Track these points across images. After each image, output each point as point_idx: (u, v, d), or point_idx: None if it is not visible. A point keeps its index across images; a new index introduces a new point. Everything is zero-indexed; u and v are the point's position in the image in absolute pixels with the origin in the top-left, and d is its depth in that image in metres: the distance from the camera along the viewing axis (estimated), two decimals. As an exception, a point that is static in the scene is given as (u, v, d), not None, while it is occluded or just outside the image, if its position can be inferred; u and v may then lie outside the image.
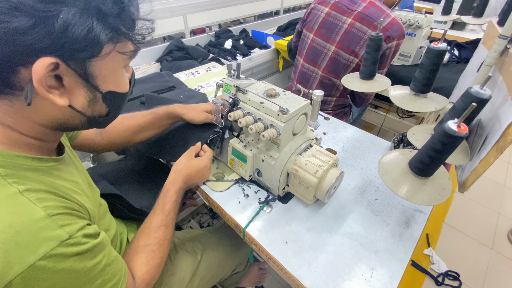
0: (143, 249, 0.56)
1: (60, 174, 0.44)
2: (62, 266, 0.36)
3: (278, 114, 0.59)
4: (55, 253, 0.35)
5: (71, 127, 0.44)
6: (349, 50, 1.11)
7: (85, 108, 0.41)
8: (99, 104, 0.43)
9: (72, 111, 0.40)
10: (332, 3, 1.13)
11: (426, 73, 0.64)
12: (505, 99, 0.52)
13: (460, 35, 1.76)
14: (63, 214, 0.38)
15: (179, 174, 0.66)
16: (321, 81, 1.23)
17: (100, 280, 0.42)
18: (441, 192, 0.52)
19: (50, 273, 0.35)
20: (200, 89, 1.15)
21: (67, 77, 0.37)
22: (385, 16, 1.04)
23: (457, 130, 0.43)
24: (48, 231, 0.35)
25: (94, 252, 0.41)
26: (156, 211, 0.61)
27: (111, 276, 0.44)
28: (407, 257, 0.58)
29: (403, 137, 0.84)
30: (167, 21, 1.80)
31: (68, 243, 0.37)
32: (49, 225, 0.36)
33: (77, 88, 0.39)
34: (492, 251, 1.46)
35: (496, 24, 0.70)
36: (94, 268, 0.41)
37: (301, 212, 0.67)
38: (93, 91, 0.40)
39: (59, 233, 0.36)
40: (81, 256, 0.39)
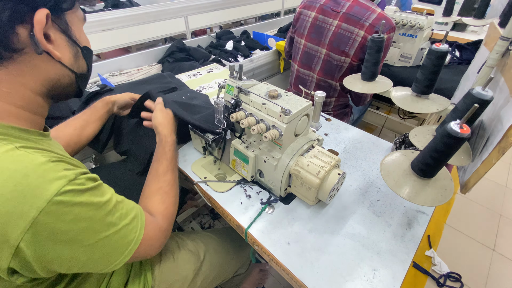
0: (156, 192, 0.61)
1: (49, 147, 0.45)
2: (78, 199, 0.39)
3: (280, 115, 0.59)
4: (67, 189, 0.37)
5: (61, 88, 0.47)
6: (339, 51, 1.12)
7: (72, 64, 0.46)
8: (81, 60, 0.48)
9: (62, 68, 0.45)
10: (318, 6, 1.14)
11: (427, 74, 0.65)
12: (507, 100, 0.53)
13: (461, 36, 1.76)
14: (62, 161, 0.41)
15: (167, 127, 0.72)
16: (317, 84, 1.25)
17: (118, 213, 0.45)
18: (443, 193, 0.52)
19: (70, 207, 0.38)
20: (202, 90, 1.16)
21: (53, 33, 0.41)
22: (370, 13, 1.04)
23: (460, 131, 0.43)
24: (54, 173, 0.37)
25: (101, 190, 0.44)
26: (160, 160, 0.66)
27: (127, 211, 0.47)
28: (409, 258, 0.58)
29: (405, 138, 0.84)
30: (169, 22, 1.81)
31: (76, 183, 0.39)
32: (53, 167, 0.38)
33: (62, 43, 0.44)
34: (494, 252, 1.45)
35: (497, 26, 0.70)
36: (109, 203, 0.44)
37: (303, 213, 0.67)
38: (74, 46, 0.46)
39: (66, 173, 0.38)
40: (92, 192, 0.41)
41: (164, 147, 0.68)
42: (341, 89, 1.24)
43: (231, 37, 1.95)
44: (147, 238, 0.50)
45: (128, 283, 0.62)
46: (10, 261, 0.35)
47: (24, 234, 0.34)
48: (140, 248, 0.48)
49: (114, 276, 0.60)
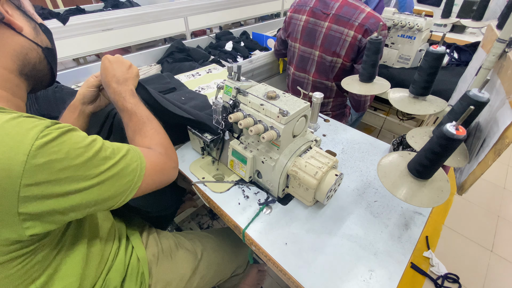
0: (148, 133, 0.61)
1: None
2: (62, 138, 0.39)
3: (278, 116, 0.60)
4: (47, 132, 0.38)
5: (31, 64, 0.48)
6: (330, 52, 1.13)
7: (35, 37, 0.48)
8: (41, 34, 0.50)
9: (26, 40, 0.47)
10: (308, 10, 1.16)
11: (425, 76, 0.65)
12: (503, 102, 0.53)
13: (459, 38, 1.77)
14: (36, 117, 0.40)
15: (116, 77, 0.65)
16: (313, 85, 1.27)
17: (110, 149, 0.46)
18: (439, 194, 0.52)
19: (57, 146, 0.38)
20: (201, 91, 1.16)
21: (9, 9, 0.44)
22: (360, 12, 1.05)
23: (455, 133, 0.43)
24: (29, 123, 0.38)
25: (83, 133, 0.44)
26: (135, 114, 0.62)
27: (118, 147, 0.48)
28: (406, 259, 0.58)
29: (402, 140, 0.85)
30: (168, 22, 1.81)
31: (53, 128, 0.39)
32: (26, 120, 0.38)
33: (19, 18, 0.46)
34: (492, 253, 1.46)
35: (495, 28, 0.70)
36: (96, 142, 0.44)
37: (300, 213, 0.67)
38: (30, 20, 0.48)
39: (41, 122, 0.39)
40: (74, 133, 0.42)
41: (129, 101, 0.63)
42: (338, 89, 1.25)
43: (230, 37, 1.96)
44: (153, 164, 0.53)
45: (125, 280, 0.62)
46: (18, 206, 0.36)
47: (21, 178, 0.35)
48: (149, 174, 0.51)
49: (111, 273, 0.60)
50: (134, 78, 0.68)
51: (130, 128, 0.62)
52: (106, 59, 0.67)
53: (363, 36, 1.05)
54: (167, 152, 0.60)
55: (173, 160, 0.60)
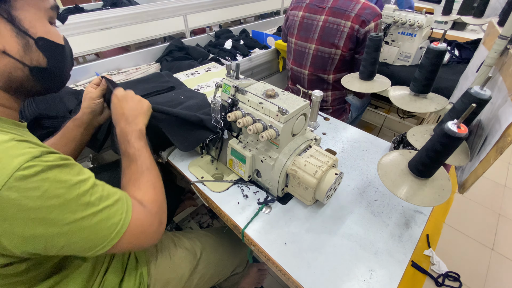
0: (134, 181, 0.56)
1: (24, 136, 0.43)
2: (44, 175, 0.36)
3: (277, 115, 0.59)
4: (31, 164, 0.35)
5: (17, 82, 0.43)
6: (328, 44, 1.15)
7: (22, 56, 0.42)
8: (34, 51, 0.43)
9: (11, 60, 0.41)
10: (304, 6, 1.19)
11: (425, 73, 0.64)
12: (505, 99, 0.52)
13: (460, 35, 1.76)
14: (29, 142, 0.38)
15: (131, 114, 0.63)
16: (309, 79, 1.29)
17: (97, 195, 0.42)
18: (440, 193, 0.52)
19: (35, 182, 0.35)
20: (200, 89, 1.15)
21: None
22: (355, 3, 1.08)
23: (457, 131, 0.43)
24: (18, 149, 0.36)
25: (75, 169, 0.41)
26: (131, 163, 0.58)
27: (109, 194, 0.44)
28: (407, 259, 0.58)
29: (403, 138, 0.84)
30: (168, 21, 1.81)
31: (41, 159, 0.36)
32: (16, 145, 0.36)
33: (6, 32, 0.40)
34: (493, 252, 1.45)
35: (496, 25, 0.70)
36: (84, 183, 0.41)
37: (300, 213, 0.67)
38: (23, 36, 0.41)
39: (30, 150, 0.36)
40: (62, 169, 0.39)
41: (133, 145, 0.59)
42: (334, 81, 1.25)
43: (230, 36, 1.95)
44: (137, 223, 0.47)
45: (124, 280, 0.62)
46: None
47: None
48: (129, 234, 0.45)
49: (109, 273, 0.59)
50: (145, 113, 0.66)
51: (126, 175, 0.57)
52: (114, 97, 0.65)
53: (360, 26, 1.07)
54: (158, 212, 0.54)
55: (160, 223, 0.54)
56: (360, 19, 1.06)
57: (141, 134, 0.62)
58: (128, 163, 0.58)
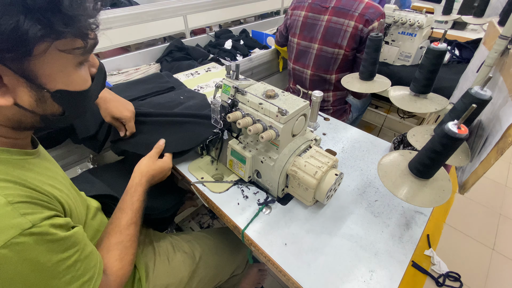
0: (116, 246, 0.56)
1: (34, 168, 0.43)
2: (25, 255, 0.35)
3: (277, 115, 0.59)
4: (16, 241, 0.34)
5: (29, 126, 0.42)
6: (332, 43, 1.15)
7: (34, 107, 0.39)
8: (49, 103, 0.40)
9: (21, 110, 0.38)
10: (307, 5, 1.19)
11: (426, 73, 0.64)
12: (505, 100, 0.52)
13: (461, 35, 1.75)
14: (25, 202, 0.37)
15: (145, 176, 0.67)
16: (311, 79, 1.28)
17: (69, 276, 0.40)
18: (441, 194, 0.51)
19: (12, 263, 0.34)
20: (200, 90, 1.15)
21: (6, 76, 0.35)
22: (358, 3, 1.08)
23: (457, 132, 0.43)
24: (8, 219, 0.34)
25: (64, 245, 0.40)
26: (125, 210, 0.61)
27: (83, 273, 0.43)
28: (407, 259, 0.57)
29: (403, 138, 0.84)
30: (168, 21, 1.80)
31: (31, 232, 0.35)
32: (9, 212, 0.35)
33: (19, 87, 0.36)
34: (494, 252, 1.45)
35: (496, 24, 0.69)
36: (62, 263, 0.39)
37: (300, 213, 0.66)
38: (38, 90, 0.38)
39: (21, 221, 0.35)
40: (47, 247, 0.37)
41: (133, 196, 0.63)
42: (336, 81, 1.25)
43: (230, 36, 1.94)
44: None
45: None
46: None
47: None
48: None
49: None
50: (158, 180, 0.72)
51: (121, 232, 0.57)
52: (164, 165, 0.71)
53: (364, 25, 1.07)
54: (120, 284, 0.53)
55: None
56: (364, 18, 1.06)
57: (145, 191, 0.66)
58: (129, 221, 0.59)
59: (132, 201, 0.62)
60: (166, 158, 0.73)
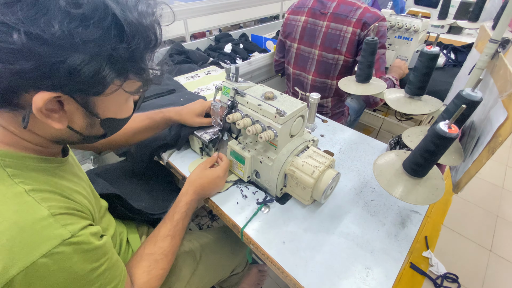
0: (147, 257, 0.57)
1: (65, 175, 0.46)
2: (63, 265, 0.37)
3: (276, 116, 0.60)
4: (57, 251, 0.36)
5: (69, 142, 0.45)
6: (331, 49, 1.16)
7: (83, 130, 0.42)
8: (97, 128, 0.44)
9: (70, 131, 0.41)
10: (306, 11, 1.20)
11: (420, 76, 0.66)
12: (495, 101, 0.54)
13: (457, 39, 1.78)
14: (66, 214, 0.39)
15: (192, 185, 0.67)
16: (313, 85, 1.29)
17: (98, 283, 0.42)
18: (434, 192, 0.53)
19: (51, 272, 0.36)
20: (200, 92, 1.17)
21: (68, 104, 0.38)
22: (356, 9, 1.09)
23: (448, 131, 0.44)
24: (51, 230, 0.37)
25: (97, 254, 0.42)
26: (165, 221, 0.62)
27: (110, 280, 0.44)
28: (403, 257, 0.59)
29: (399, 139, 0.85)
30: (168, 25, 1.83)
31: (70, 242, 0.38)
32: (52, 224, 0.37)
33: (76, 114, 0.40)
34: (491, 253, 1.46)
35: (487, 29, 0.72)
36: (94, 271, 0.41)
37: (298, 212, 0.68)
38: (92, 118, 0.41)
39: (62, 232, 0.37)
40: (83, 256, 0.39)
41: (176, 206, 0.64)
42: (337, 87, 1.26)
43: (229, 39, 1.97)
44: None
45: None
46: None
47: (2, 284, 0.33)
48: None
49: None
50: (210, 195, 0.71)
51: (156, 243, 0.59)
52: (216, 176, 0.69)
53: (361, 30, 1.08)
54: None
55: None
56: (361, 23, 1.07)
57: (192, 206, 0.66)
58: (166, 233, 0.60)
59: (174, 211, 0.63)
60: (218, 167, 0.71)
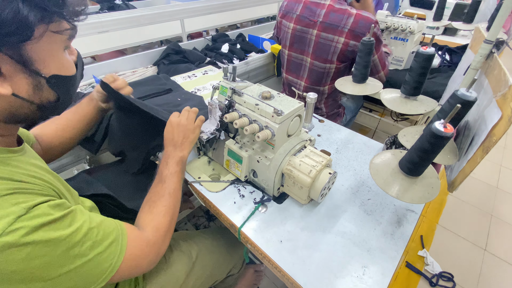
0: (144, 204, 0.59)
1: (18, 165, 0.43)
2: (30, 238, 0.35)
3: (273, 116, 0.61)
4: (14, 227, 0.34)
5: (22, 118, 0.43)
6: (322, 59, 1.14)
7: (31, 95, 0.40)
8: (45, 90, 0.41)
9: (18, 100, 0.39)
10: (295, 17, 1.15)
11: (415, 76, 0.67)
12: (490, 101, 0.55)
13: (452, 40, 1.80)
14: (15, 193, 0.37)
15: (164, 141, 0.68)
16: (304, 91, 1.28)
17: (89, 242, 0.41)
18: (430, 191, 0.53)
19: (19, 247, 0.34)
20: (197, 92, 1.17)
21: (3, 64, 0.36)
22: (347, 17, 1.03)
23: (443, 130, 0.45)
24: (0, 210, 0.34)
25: (68, 219, 0.40)
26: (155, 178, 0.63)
27: (103, 237, 0.43)
28: (399, 255, 0.59)
29: (395, 139, 0.86)
30: (165, 25, 1.82)
31: (28, 217, 0.35)
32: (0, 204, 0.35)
33: (17, 75, 0.38)
34: (486, 252, 1.48)
35: (482, 30, 0.73)
36: (76, 233, 0.40)
37: (295, 212, 0.68)
38: (35, 77, 0.39)
39: (14, 209, 0.35)
40: (51, 226, 0.37)
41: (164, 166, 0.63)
42: (329, 92, 1.27)
43: (226, 40, 1.97)
44: (130, 259, 0.47)
45: (118, 285, 0.62)
46: None
47: None
48: (120, 272, 0.45)
49: None
50: (192, 142, 0.69)
51: (150, 193, 0.61)
52: (168, 123, 0.68)
53: (355, 41, 1.05)
54: (157, 242, 0.54)
55: (157, 253, 0.54)
56: (355, 34, 1.03)
57: (181, 160, 0.66)
58: (157, 182, 0.61)
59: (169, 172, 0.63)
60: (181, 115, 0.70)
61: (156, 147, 0.85)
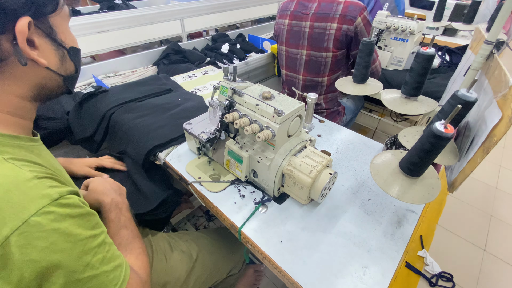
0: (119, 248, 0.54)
1: (40, 153, 0.45)
2: (57, 225, 0.36)
3: (273, 116, 0.61)
4: (48, 210, 0.35)
5: (48, 91, 0.46)
6: (318, 48, 1.17)
7: (59, 68, 0.45)
8: (68, 62, 0.46)
9: (49, 73, 0.44)
10: (289, 14, 1.21)
11: (416, 77, 0.67)
12: (490, 101, 0.55)
13: (451, 41, 1.80)
14: (49, 178, 0.39)
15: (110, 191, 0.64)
16: (304, 84, 1.31)
17: (100, 255, 0.41)
18: (430, 191, 0.53)
19: (46, 232, 0.35)
20: (197, 92, 1.17)
21: (37, 38, 0.40)
22: (337, 5, 1.09)
23: (444, 131, 0.45)
24: (38, 190, 0.36)
25: (91, 221, 0.41)
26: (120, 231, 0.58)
27: (112, 257, 0.43)
28: (399, 256, 0.59)
29: (395, 139, 0.86)
30: (165, 25, 1.82)
31: (60, 203, 0.37)
32: (37, 185, 0.36)
33: (47, 48, 0.42)
34: (485, 252, 1.48)
35: (482, 30, 0.73)
36: (94, 239, 0.40)
37: (295, 212, 0.68)
38: (60, 48, 0.44)
39: (50, 192, 0.37)
40: (76, 220, 0.38)
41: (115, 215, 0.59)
42: (328, 84, 1.28)
43: (226, 40, 1.97)
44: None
45: None
46: None
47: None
48: None
49: None
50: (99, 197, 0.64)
51: (116, 240, 0.56)
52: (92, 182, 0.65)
53: (349, 25, 1.08)
54: (148, 281, 0.53)
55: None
56: (346, 19, 1.07)
57: (128, 207, 0.63)
58: (117, 230, 0.58)
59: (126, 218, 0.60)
60: None
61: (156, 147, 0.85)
